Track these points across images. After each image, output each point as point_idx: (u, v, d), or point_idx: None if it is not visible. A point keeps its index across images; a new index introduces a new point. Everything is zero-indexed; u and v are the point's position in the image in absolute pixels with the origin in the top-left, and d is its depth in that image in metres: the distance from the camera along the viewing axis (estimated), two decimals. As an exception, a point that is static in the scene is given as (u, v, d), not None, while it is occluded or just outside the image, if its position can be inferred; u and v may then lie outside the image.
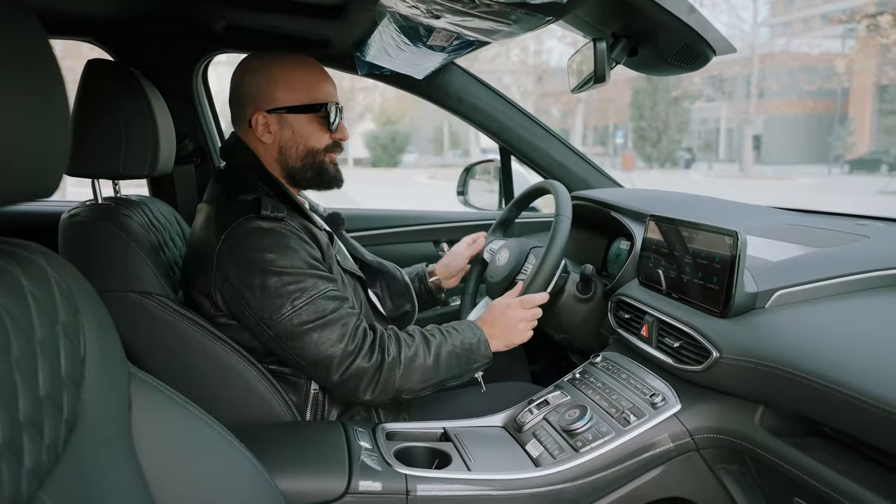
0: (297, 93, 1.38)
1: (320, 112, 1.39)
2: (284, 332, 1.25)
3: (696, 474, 1.14)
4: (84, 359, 0.72)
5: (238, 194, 1.34)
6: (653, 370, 1.27)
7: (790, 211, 1.69)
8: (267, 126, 1.39)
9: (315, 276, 1.29)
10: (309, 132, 1.40)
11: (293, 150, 1.41)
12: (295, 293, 1.25)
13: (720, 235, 1.13)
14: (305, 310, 1.25)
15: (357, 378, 1.27)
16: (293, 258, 1.27)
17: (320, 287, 1.28)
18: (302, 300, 1.25)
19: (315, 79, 1.41)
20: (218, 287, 1.29)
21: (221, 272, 1.27)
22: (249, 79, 1.41)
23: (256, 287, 1.25)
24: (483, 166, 2.43)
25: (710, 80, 26.87)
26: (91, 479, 0.69)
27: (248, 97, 1.40)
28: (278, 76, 1.39)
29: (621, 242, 1.78)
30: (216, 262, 1.27)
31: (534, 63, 27.27)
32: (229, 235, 1.27)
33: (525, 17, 1.11)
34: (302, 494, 1.06)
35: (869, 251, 1.21)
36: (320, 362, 1.26)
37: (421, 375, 1.31)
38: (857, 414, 0.83)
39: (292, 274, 1.26)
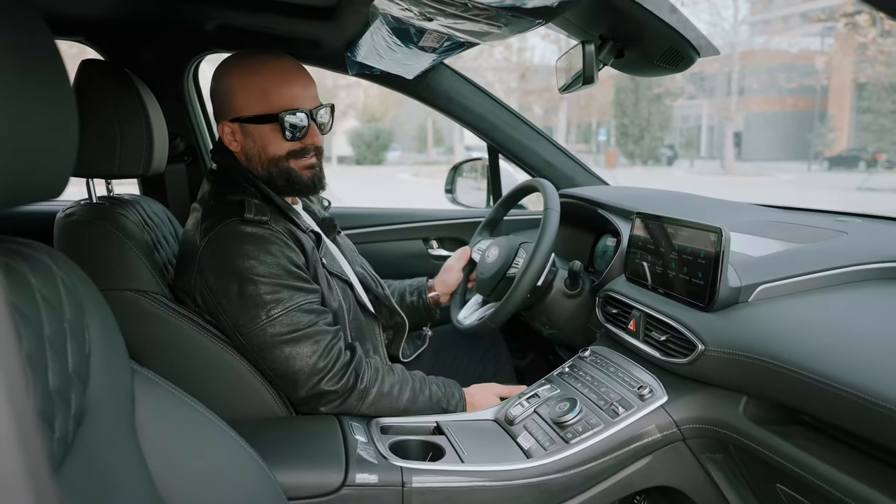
0: (253, 102, 1.34)
1: (278, 122, 1.34)
2: (257, 342, 1.26)
3: (682, 464, 1.18)
4: (89, 355, 0.74)
5: (226, 195, 1.35)
6: (640, 363, 1.30)
7: (772, 208, 1.73)
8: (233, 135, 1.38)
9: (293, 288, 1.28)
10: (268, 141, 1.36)
11: (256, 158, 1.38)
12: (271, 303, 1.25)
13: (705, 232, 1.16)
14: (280, 321, 1.25)
15: (321, 397, 1.29)
16: (273, 266, 1.26)
17: (297, 299, 1.27)
18: (277, 311, 1.25)
19: (273, 85, 1.34)
20: (198, 289, 1.30)
21: (202, 275, 1.29)
22: (215, 86, 1.40)
23: (233, 293, 1.25)
24: (471, 164, 2.45)
25: (692, 78, 27.08)
26: (100, 472, 0.70)
27: (216, 105, 1.41)
28: (236, 85, 1.35)
29: (607, 239, 1.81)
30: (198, 265, 1.29)
31: (517, 60, 27.31)
32: (212, 238, 1.28)
33: (516, 20, 1.14)
34: (300, 487, 1.08)
35: (847, 247, 1.25)
36: (288, 376, 1.28)
37: (388, 410, 1.34)
38: (836, 402, 0.87)
39: (270, 284, 1.25)
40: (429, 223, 2.28)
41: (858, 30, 20.14)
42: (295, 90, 1.35)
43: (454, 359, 1.81)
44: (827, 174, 22.25)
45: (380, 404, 1.33)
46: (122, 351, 0.81)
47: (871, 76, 22.00)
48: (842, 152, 24.40)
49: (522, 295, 1.48)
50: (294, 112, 1.34)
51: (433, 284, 1.80)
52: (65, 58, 0.67)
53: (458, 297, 1.80)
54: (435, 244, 2.29)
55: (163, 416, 0.85)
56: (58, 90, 0.64)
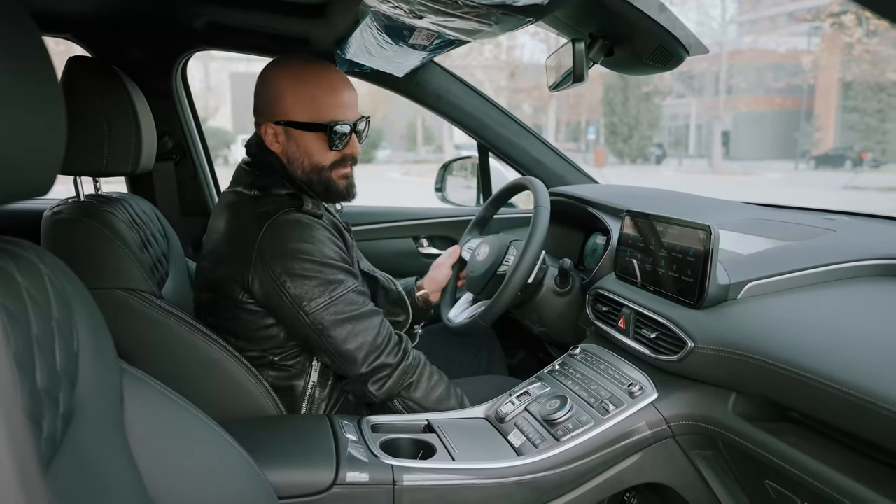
0: (301, 109, 1.38)
1: (326, 132, 1.38)
2: (320, 321, 1.31)
3: (672, 460, 1.18)
4: (78, 354, 0.73)
5: (271, 188, 1.38)
6: (630, 361, 1.31)
7: (760, 206, 1.75)
8: (275, 136, 1.41)
9: (347, 272, 1.35)
10: (313, 149, 1.40)
11: (299, 163, 1.42)
12: (333, 284, 1.31)
13: (694, 230, 1.17)
14: (342, 300, 1.31)
15: (378, 371, 1.34)
16: (331, 252, 1.33)
17: (351, 282, 1.35)
18: (338, 292, 1.31)
19: (324, 95, 1.38)
20: (257, 273, 1.31)
21: (262, 259, 1.30)
22: (262, 86, 1.42)
23: (297, 275, 1.29)
24: (461, 163, 2.45)
25: (680, 77, 27.21)
26: (89, 471, 0.70)
27: (260, 104, 1.43)
28: (285, 89, 1.38)
29: (597, 237, 1.81)
30: (257, 249, 1.30)
31: (506, 59, 27.34)
32: (273, 224, 1.31)
33: (506, 18, 1.14)
34: (291, 486, 1.08)
35: (835, 244, 1.26)
36: (349, 353, 1.32)
37: (424, 396, 1.39)
38: (825, 399, 0.87)
39: (331, 267, 1.32)
40: (419, 221, 2.28)
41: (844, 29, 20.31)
42: (342, 102, 1.40)
43: (445, 357, 1.81)
44: (814, 173, 22.44)
45: (420, 386, 1.39)
46: (110, 350, 0.81)
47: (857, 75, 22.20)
48: (828, 151, 24.60)
49: (513, 293, 1.48)
50: (341, 123, 1.39)
51: (422, 283, 1.80)
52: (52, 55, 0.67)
53: (449, 295, 1.80)
54: (425, 242, 2.29)
55: (152, 415, 0.84)
56: (45, 88, 0.64)
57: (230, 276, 1.34)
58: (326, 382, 1.44)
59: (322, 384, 1.44)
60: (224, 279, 1.35)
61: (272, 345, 1.39)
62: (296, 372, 1.41)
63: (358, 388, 1.37)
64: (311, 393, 1.42)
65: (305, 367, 1.42)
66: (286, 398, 1.42)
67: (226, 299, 1.36)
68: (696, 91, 27.95)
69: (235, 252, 1.34)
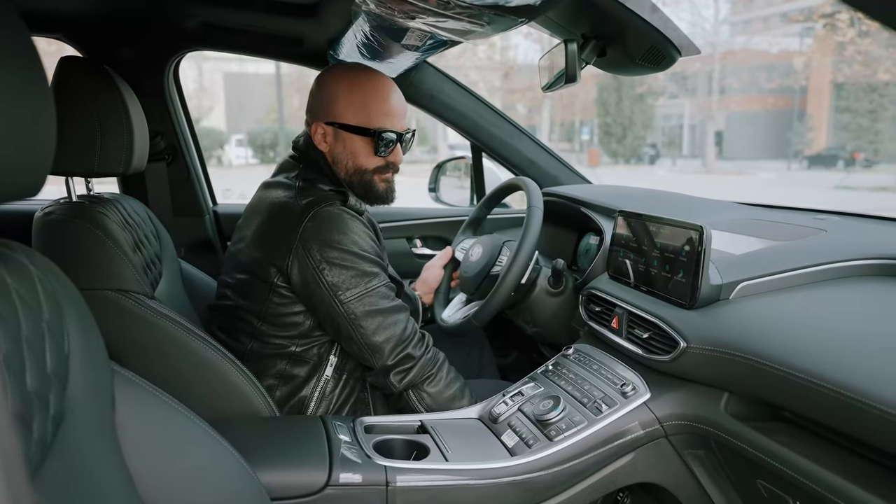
0: (353, 113, 1.45)
1: (373, 137, 1.45)
2: (354, 310, 1.36)
3: (665, 460, 1.18)
4: (68, 355, 0.73)
5: (316, 182, 1.45)
6: (623, 361, 1.31)
7: (752, 206, 1.75)
8: (324, 136, 1.48)
9: (382, 267, 1.42)
10: (359, 151, 1.47)
11: (343, 163, 1.49)
12: (369, 276, 1.37)
13: (686, 230, 1.17)
14: (375, 293, 1.37)
15: (403, 362, 1.39)
16: (369, 247, 1.39)
17: (384, 277, 1.41)
18: (373, 284, 1.37)
19: (375, 102, 1.45)
20: (297, 258, 1.36)
21: (304, 245, 1.35)
22: (317, 88, 1.50)
23: (336, 264, 1.34)
24: (454, 163, 2.45)
25: (674, 77, 27.29)
26: (79, 474, 0.70)
27: (314, 105, 1.50)
28: (341, 93, 1.45)
29: (590, 237, 1.81)
30: (300, 235, 1.35)
31: (500, 59, 27.36)
32: (318, 213, 1.36)
33: (498, 19, 1.14)
34: (284, 487, 1.08)
35: (826, 244, 1.26)
36: (378, 344, 1.37)
37: (439, 386, 1.43)
38: (817, 398, 0.88)
39: (368, 259, 1.38)
40: (412, 222, 2.28)
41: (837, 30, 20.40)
42: (392, 112, 1.47)
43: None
44: (807, 173, 22.52)
45: (437, 380, 1.43)
46: (101, 351, 0.80)
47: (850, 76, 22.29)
48: (821, 151, 24.70)
49: (506, 293, 1.48)
50: (388, 132, 1.46)
51: (415, 285, 1.81)
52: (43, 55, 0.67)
53: (442, 295, 1.80)
54: (419, 243, 2.29)
55: (143, 417, 0.84)
56: (34, 88, 0.63)
57: (268, 259, 1.39)
58: (339, 379, 1.47)
59: (335, 380, 1.47)
60: (261, 261, 1.40)
61: (296, 333, 1.43)
62: (312, 366, 1.45)
63: (380, 378, 1.41)
64: (322, 389, 1.45)
65: (322, 360, 1.46)
66: (295, 393, 1.44)
67: (260, 282, 1.41)
68: (690, 91, 28.04)
69: (277, 237, 1.39)
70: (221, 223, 2.17)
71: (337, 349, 1.47)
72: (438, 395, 1.42)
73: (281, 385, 1.45)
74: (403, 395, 1.42)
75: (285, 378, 1.45)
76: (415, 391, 1.42)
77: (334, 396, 1.47)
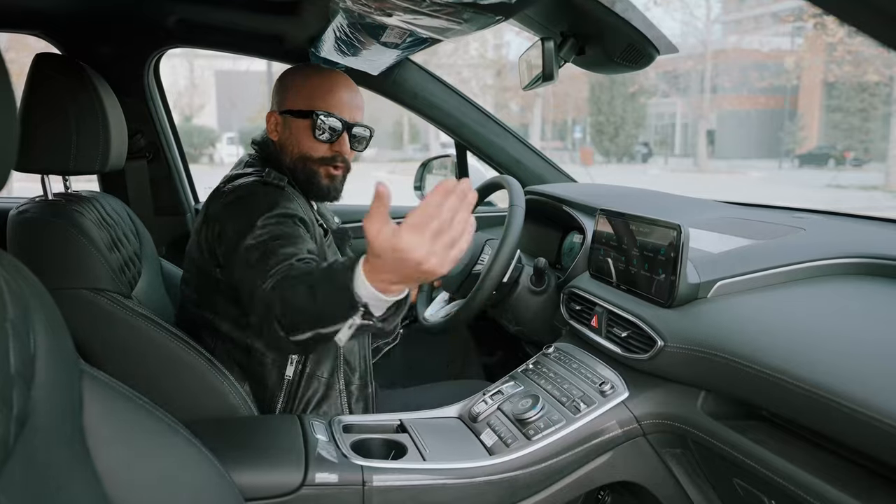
0: (299, 99, 1.46)
1: (313, 119, 1.43)
2: (240, 260, 1.23)
3: (643, 459, 1.18)
4: (34, 356, 0.72)
5: (252, 166, 1.46)
6: (603, 359, 1.31)
7: (733, 204, 1.75)
8: (276, 125, 1.49)
9: (286, 218, 1.28)
10: (302, 136, 1.46)
11: (289, 150, 1.48)
12: (261, 229, 1.24)
13: (665, 229, 1.17)
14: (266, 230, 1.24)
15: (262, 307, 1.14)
16: (273, 205, 1.30)
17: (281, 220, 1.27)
18: (264, 231, 1.24)
19: (322, 91, 1.45)
20: (221, 240, 1.33)
21: (221, 223, 1.33)
22: (278, 82, 1.52)
23: (234, 216, 1.31)
24: (440, 161, 2.44)
25: (665, 76, 27.35)
26: (43, 476, 0.69)
27: (273, 98, 1.52)
28: (293, 83, 1.48)
29: (574, 236, 1.81)
30: (220, 217, 1.34)
31: (493, 57, 27.35)
32: (233, 191, 1.36)
33: (475, 16, 1.13)
34: (258, 488, 1.07)
35: (804, 243, 1.27)
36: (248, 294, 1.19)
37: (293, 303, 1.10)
38: (791, 398, 0.88)
39: (270, 216, 1.27)
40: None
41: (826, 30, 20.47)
42: (337, 99, 1.45)
43: (422, 356, 1.81)
44: (798, 171, 22.62)
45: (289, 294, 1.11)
46: (70, 352, 0.79)
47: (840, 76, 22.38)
48: (812, 150, 24.83)
49: (488, 292, 1.47)
50: (329, 115, 1.43)
51: None
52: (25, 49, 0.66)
53: (425, 294, 1.80)
54: None
55: (112, 418, 0.83)
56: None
57: (205, 249, 1.38)
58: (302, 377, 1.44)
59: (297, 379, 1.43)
60: (201, 252, 1.40)
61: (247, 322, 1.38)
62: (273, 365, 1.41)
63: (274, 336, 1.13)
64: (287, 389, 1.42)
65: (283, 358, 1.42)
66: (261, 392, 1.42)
67: (204, 274, 1.40)
68: (682, 90, 28.10)
69: (207, 224, 1.38)
70: None
71: None
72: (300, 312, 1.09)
73: (247, 384, 1.42)
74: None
75: (250, 377, 1.42)
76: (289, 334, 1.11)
77: (299, 394, 1.43)
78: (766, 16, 28.59)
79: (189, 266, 1.48)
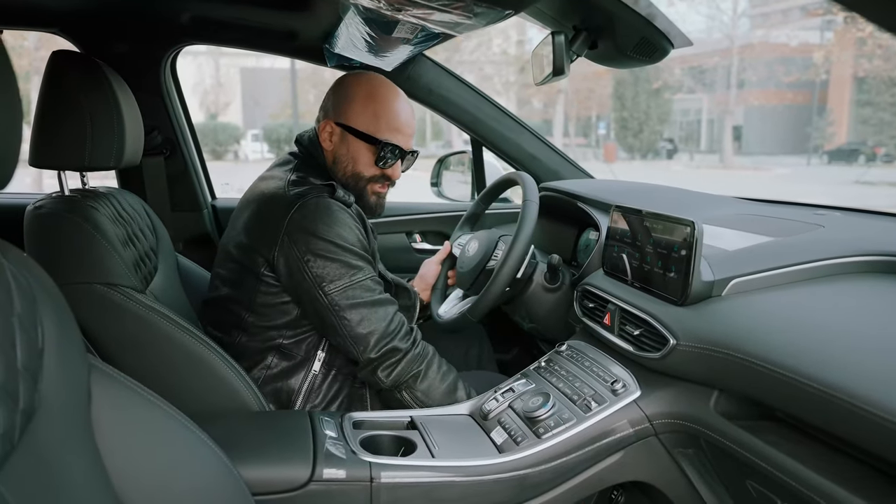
0: (364, 120, 1.49)
1: (377, 146, 1.49)
2: (337, 302, 1.36)
3: (655, 459, 1.17)
4: (42, 350, 0.72)
5: (309, 177, 1.46)
6: (615, 358, 1.29)
7: (752, 201, 1.72)
8: (331, 135, 1.51)
9: (367, 260, 1.42)
10: (360, 157, 1.51)
11: (342, 165, 1.52)
12: (353, 269, 1.37)
13: (679, 225, 1.15)
14: (359, 285, 1.38)
15: (388, 356, 1.38)
16: (356, 239, 1.40)
17: (369, 271, 1.41)
18: (357, 277, 1.38)
19: (387, 116, 1.49)
20: (283, 250, 1.37)
21: (290, 236, 1.36)
22: (337, 87, 1.53)
23: (320, 255, 1.35)
24: (457, 158, 2.44)
25: (691, 72, 27.03)
26: (48, 470, 0.69)
27: (329, 103, 1.53)
28: (358, 98, 1.49)
29: (590, 233, 1.80)
30: (286, 228, 1.36)
31: (515, 53, 27.22)
32: (305, 204, 1.37)
33: (486, 11, 1.12)
34: (266, 483, 1.07)
35: (823, 240, 1.24)
36: (361, 336, 1.37)
37: (431, 382, 1.42)
38: (804, 397, 0.86)
39: (353, 252, 1.38)
40: (412, 217, 2.27)
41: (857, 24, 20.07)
42: (401, 129, 1.52)
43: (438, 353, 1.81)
44: (826, 168, 22.21)
45: (427, 377, 1.42)
46: (78, 346, 0.80)
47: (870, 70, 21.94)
48: (841, 146, 24.34)
49: (501, 287, 1.47)
50: (395, 147, 1.51)
51: (413, 282, 1.80)
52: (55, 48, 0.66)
53: (440, 291, 1.80)
54: (418, 238, 2.29)
55: (120, 412, 0.83)
56: None
57: (255, 249, 1.41)
58: (328, 374, 1.47)
59: (323, 375, 1.47)
60: (249, 251, 1.42)
61: (283, 323, 1.44)
62: (299, 360, 1.45)
63: (368, 374, 1.41)
64: (310, 383, 1.45)
65: (310, 355, 1.46)
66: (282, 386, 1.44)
67: (247, 271, 1.42)
68: (707, 86, 27.74)
69: (265, 227, 1.41)
70: (220, 218, 2.18)
71: (325, 345, 1.47)
72: (432, 392, 1.41)
73: (268, 378, 1.45)
74: (396, 394, 1.42)
75: (273, 371, 1.45)
76: (407, 391, 1.41)
77: (322, 391, 1.47)
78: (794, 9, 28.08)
79: (225, 259, 1.50)
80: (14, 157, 0.67)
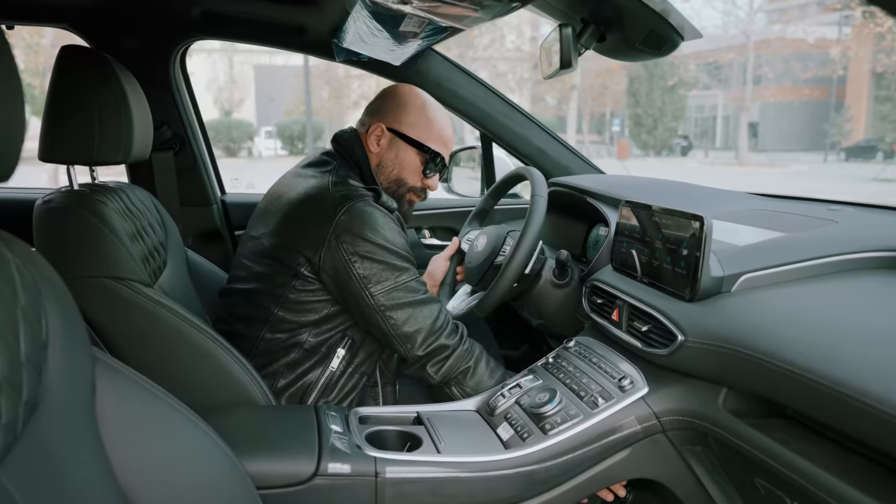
0: (419, 128, 1.54)
1: (428, 154, 1.56)
2: (383, 303, 1.39)
3: (662, 456, 1.16)
4: (46, 342, 0.73)
5: (350, 179, 1.47)
6: (623, 354, 1.28)
7: (764, 196, 1.70)
8: (379, 138, 1.54)
9: (411, 262, 1.45)
10: (408, 164, 1.56)
11: (387, 170, 1.56)
12: (399, 270, 1.40)
13: (687, 220, 1.14)
14: (404, 286, 1.40)
15: (437, 352, 1.41)
16: (400, 242, 1.43)
17: (413, 272, 1.44)
18: (402, 279, 1.40)
19: (439, 128, 1.56)
20: (330, 250, 1.38)
21: (337, 238, 1.38)
22: (391, 92, 1.59)
23: (367, 257, 1.38)
24: (467, 153, 2.43)
25: (706, 68, 26.82)
26: (52, 461, 0.69)
27: (381, 107, 1.57)
28: (414, 106, 1.55)
29: (600, 228, 1.78)
30: (334, 228, 1.38)
31: (529, 50, 27.08)
32: (352, 208, 1.39)
33: (493, 3, 1.12)
34: (271, 476, 1.07)
35: (835, 236, 1.22)
36: (409, 335, 1.40)
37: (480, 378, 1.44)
38: (813, 395, 0.84)
39: (398, 255, 1.41)
40: (421, 212, 2.27)
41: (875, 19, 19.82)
42: (447, 143, 1.59)
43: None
44: (843, 165, 21.96)
45: (476, 372, 1.44)
46: (83, 339, 0.80)
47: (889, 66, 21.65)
48: (859, 142, 24.04)
49: (509, 283, 1.46)
50: (442, 159, 1.59)
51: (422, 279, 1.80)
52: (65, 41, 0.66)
53: (448, 287, 1.79)
54: (427, 233, 2.28)
55: (124, 405, 0.83)
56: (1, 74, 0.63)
57: (295, 247, 1.42)
58: (345, 371, 1.48)
59: (340, 372, 1.47)
60: (288, 248, 1.43)
61: (311, 321, 1.45)
62: (320, 357, 1.46)
63: (417, 370, 1.44)
64: (327, 378, 1.46)
65: (331, 352, 1.46)
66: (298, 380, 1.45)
67: (284, 268, 1.43)
68: (723, 82, 27.51)
69: (308, 227, 1.42)
70: (230, 213, 2.18)
71: (346, 343, 1.47)
72: (481, 387, 1.43)
73: (286, 373, 1.45)
74: (446, 388, 1.44)
75: (291, 366, 1.45)
76: (457, 386, 1.44)
77: (338, 387, 1.47)
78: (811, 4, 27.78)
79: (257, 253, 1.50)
80: (16, 150, 0.67)
